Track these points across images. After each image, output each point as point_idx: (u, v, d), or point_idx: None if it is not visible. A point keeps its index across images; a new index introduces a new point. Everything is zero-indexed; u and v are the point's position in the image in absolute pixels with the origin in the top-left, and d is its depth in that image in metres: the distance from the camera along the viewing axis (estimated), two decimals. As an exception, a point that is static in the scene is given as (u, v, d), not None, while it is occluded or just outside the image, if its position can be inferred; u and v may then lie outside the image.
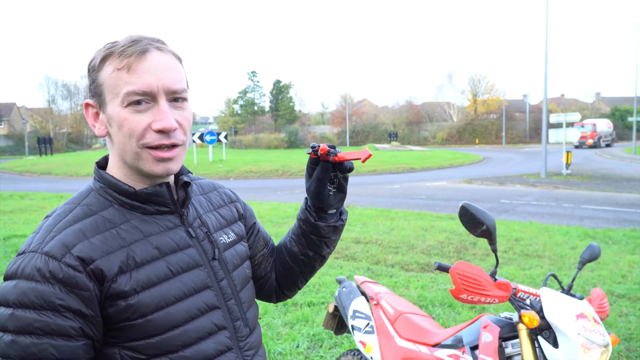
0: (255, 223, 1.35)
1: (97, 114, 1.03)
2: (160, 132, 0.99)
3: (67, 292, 0.91)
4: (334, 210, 1.27)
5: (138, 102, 0.97)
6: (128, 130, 0.98)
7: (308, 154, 1.20)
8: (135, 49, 0.97)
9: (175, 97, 1.01)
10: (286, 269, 1.36)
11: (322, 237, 1.28)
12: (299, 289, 1.43)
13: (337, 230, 1.29)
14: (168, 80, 0.99)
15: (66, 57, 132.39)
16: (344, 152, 1.19)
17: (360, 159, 1.15)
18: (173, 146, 1.01)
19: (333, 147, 1.17)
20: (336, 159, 1.17)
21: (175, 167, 1.03)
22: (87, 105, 1.04)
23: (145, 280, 0.98)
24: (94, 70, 1.00)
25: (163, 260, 1.01)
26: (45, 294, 0.90)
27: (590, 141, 40.51)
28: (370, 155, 1.16)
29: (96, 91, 1.00)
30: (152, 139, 0.99)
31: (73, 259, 0.92)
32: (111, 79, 0.98)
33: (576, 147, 39.67)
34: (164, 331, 0.98)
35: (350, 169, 1.19)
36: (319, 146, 1.17)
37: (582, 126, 39.47)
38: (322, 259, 1.35)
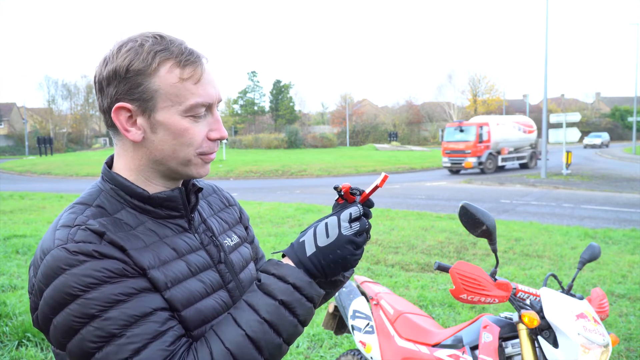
0: (248, 227, 1.32)
1: (130, 118, 0.98)
2: (215, 140, 1.04)
3: (120, 262, 0.90)
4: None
5: (198, 113, 1.00)
6: (189, 139, 0.99)
7: (336, 200, 1.06)
8: (194, 59, 0.98)
9: (218, 106, 1.06)
10: None
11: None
12: None
13: (336, 286, 1.18)
14: (220, 91, 1.05)
15: (66, 57, 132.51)
16: (367, 189, 1.06)
17: (378, 186, 1.04)
18: None
19: (356, 189, 1.06)
20: (363, 198, 1.04)
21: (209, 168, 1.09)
22: (121, 108, 0.97)
23: (173, 276, 0.97)
24: (140, 74, 0.95)
25: (182, 260, 1.02)
26: (107, 265, 0.88)
27: (470, 161, 21.99)
28: (386, 177, 1.04)
29: (143, 96, 0.96)
30: (208, 147, 1.03)
31: (108, 243, 0.91)
32: (174, 88, 0.96)
33: (452, 170, 23.17)
34: (195, 327, 0.98)
35: (370, 216, 1.05)
36: (340, 186, 1.04)
37: (461, 129, 22.69)
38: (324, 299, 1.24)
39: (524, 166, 24.53)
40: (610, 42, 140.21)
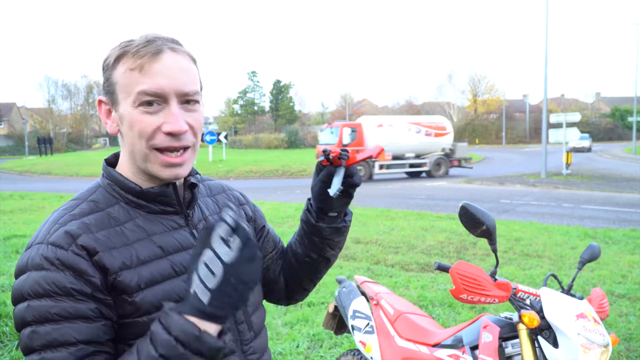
0: (264, 226, 1.33)
1: (109, 112, 1.04)
2: (170, 134, 0.99)
3: (77, 277, 0.91)
4: (335, 213, 1.25)
5: (149, 103, 0.97)
6: (138, 130, 0.98)
7: (320, 161, 1.18)
8: (149, 50, 0.97)
9: (187, 99, 1.01)
10: (292, 271, 1.34)
11: (324, 238, 1.25)
12: (308, 292, 1.39)
13: (340, 232, 1.26)
14: (180, 82, 0.99)
15: (66, 57, 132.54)
16: (356, 154, 1.17)
17: (372, 156, 1.14)
18: (183, 150, 1.02)
19: (345, 150, 1.16)
20: (349, 162, 1.15)
21: (184, 171, 1.03)
22: (100, 102, 1.05)
23: (149, 277, 0.98)
24: (108, 69, 1.01)
25: (166, 259, 1.01)
26: (57, 280, 0.90)
27: None
28: (382, 150, 1.15)
29: (109, 89, 1.01)
30: (162, 140, 0.99)
31: (78, 248, 0.93)
32: (124, 78, 0.98)
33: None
34: None
35: (358, 184, 1.17)
36: (330, 151, 1.15)
37: (331, 131, 21.03)
38: (327, 262, 1.31)
39: (428, 174, 21.41)
40: (610, 42, 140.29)
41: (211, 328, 0.84)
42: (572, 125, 21.10)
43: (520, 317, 1.81)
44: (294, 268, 1.33)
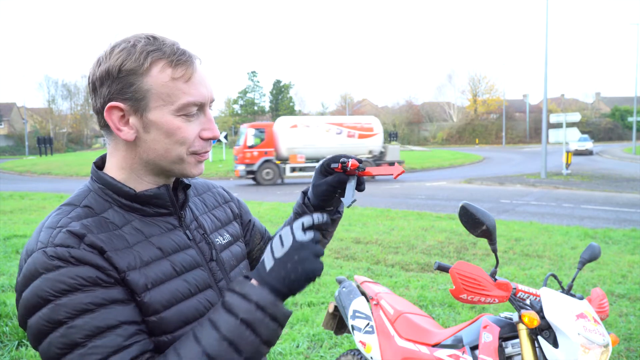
0: (250, 219, 1.36)
1: (123, 117, 1.00)
2: (208, 139, 1.05)
3: (96, 269, 0.91)
4: (332, 207, 1.29)
5: (190, 112, 1.01)
6: (181, 138, 1.01)
7: (333, 167, 1.20)
8: (186, 59, 1.00)
9: (211, 106, 1.07)
10: None
11: (320, 229, 1.30)
12: None
13: (335, 222, 1.33)
14: (212, 91, 1.06)
15: (66, 57, 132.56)
16: (373, 168, 1.20)
17: (392, 174, 1.16)
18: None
19: (360, 161, 1.19)
20: (363, 173, 1.19)
21: (203, 167, 1.10)
22: (114, 107, 0.99)
23: (155, 277, 0.98)
24: (132, 74, 0.97)
25: (166, 259, 1.02)
26: (80, 272, 0.89)
27: (238, 169, 19.13)
28: (402, 172, 1.16)
29: (135, 96, 0.97)
30: (201, 146, 1.04)
31: (88, 246, 0.92)
32: (165, 88, 0.98)
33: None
34: (176, 328, 0.98)
35: (363, 190, 1.23)
36: (349, 161, 1.17)
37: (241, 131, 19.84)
38: None
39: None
40: (610, 42, 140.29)
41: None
42: (572, 125, 21.10)
43: (520, 317, 1.81)
44: None
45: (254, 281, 0.92)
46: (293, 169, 19.18)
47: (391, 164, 19.90)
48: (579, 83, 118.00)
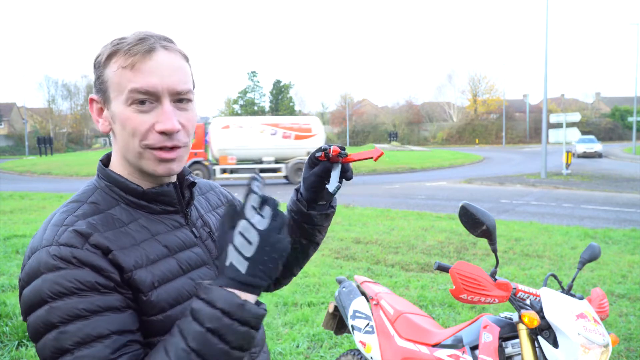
0: None
1: (101, 110, 1.03)
2: (163, 133, 0.98)
3: (97, 272, 0.89)
4: (325, 202, 1.30)
5: (142, 102, 0.97)
6: (131, 129, 0.98)
7: (317, 156, 1.21)
8: (141, 48, 0.96)
9: (180, 98, 1.01)
10: None
11: (315, 225, 1.30)
12: (294, 276, 1.44)
13: (329, 217, 1.33)
14: (173, 81, 0.98)
15: (66, 57, 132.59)
16: (354, 153, 1.21)
17: (372, 157, 1.17)
18: (174, 147, 1.01)
19: (343, 148, 1.20)
20: (346, 159, 1.20)
21: (177, 167, 1.03)
22: (92, 100, 1.04)
23: (161, 276, 0.97)
24: (99, 66, 1.00)
25: (173, 258, 1.01)
26: (79, 276, 0.88)
27: None
28: (382, 154, 1.17)
29: (101, 87, 1.00)
30: (155, 140, 0.98)
31: (92, 246, 0.91)
32: (116, 77, 0.97)
33: None
34: None
35: (350, 178, 1.23)
36: (330, 148, 1.19)
37: None
38: (316, 246, 1.38)
39: (288, 180, 19.03)
40: (610, 42, 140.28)
41: (250, 297, 0.86)
42: (572, 125, 21.11)
43: (520, 317, 1.81)
44: None
45: (220, 284, 0.87)
46: (223, 171, 18.50)
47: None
48: (579, 83, 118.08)
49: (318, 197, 1.27)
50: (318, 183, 1.23)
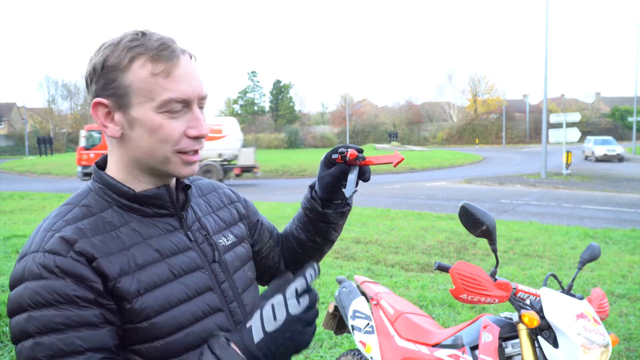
0: (258, 219, 1.34)
1: (108, 114, 1.00)
2: (195, 138, 1.01)
3: (78, 283, 0.89)
4: (340, 200, 1.29)
5: (174, 109, 0.98)
6: (164, 135, 0.98)
7: (334, 159, 1.21)
8: (169, 54, 0.97)
9: (201, 103, 1.04)
10: (295, 256, 1.37)
11: (330, 223, 1.30)
12: None
13: (345, 215, 1.32)
14: (200, 87, 1.01)
15: (66, 57, 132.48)
16: (373, 157, 1.19)
17: (391, 163, 1.15)
18: (198, 150, 1.04)
19: (361, 150, 1.18)
20: (364, 163, 1.18)
21: (197, 168, 1.06)
22: (98, 104, 0.99)
23: (148, 281, 0.97)
24: (114, 70, 0.97)
25: (164, 262, 1.00)
26: (59, 288, 0.88)
27: (77, 169, 19.94)
28: (402, 159, 1.15)
29: (117, 92, 0.97)
30: (187, 144, 1.00)
31: (77, 254, 0.91)
32: (146, 83, 0.96)
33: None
34: (168, 334, 0.97)
35: (368, 180, 1.22)
36: (347, 151, 1.18)
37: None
38: (331, 243, 1.37)
39: None
40: (610, 42, 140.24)
41: None
42: (572, 125, 21.10)
43: (520, 317, 1.82)
44: (298, 254, 1.37)
45: (236, 348, 0.90)
46: None
47: (246, 168, 18.86)
48: (579, 83, 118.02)
49: (333, 197, 1.27)
50: (334, 184, 1.23)
